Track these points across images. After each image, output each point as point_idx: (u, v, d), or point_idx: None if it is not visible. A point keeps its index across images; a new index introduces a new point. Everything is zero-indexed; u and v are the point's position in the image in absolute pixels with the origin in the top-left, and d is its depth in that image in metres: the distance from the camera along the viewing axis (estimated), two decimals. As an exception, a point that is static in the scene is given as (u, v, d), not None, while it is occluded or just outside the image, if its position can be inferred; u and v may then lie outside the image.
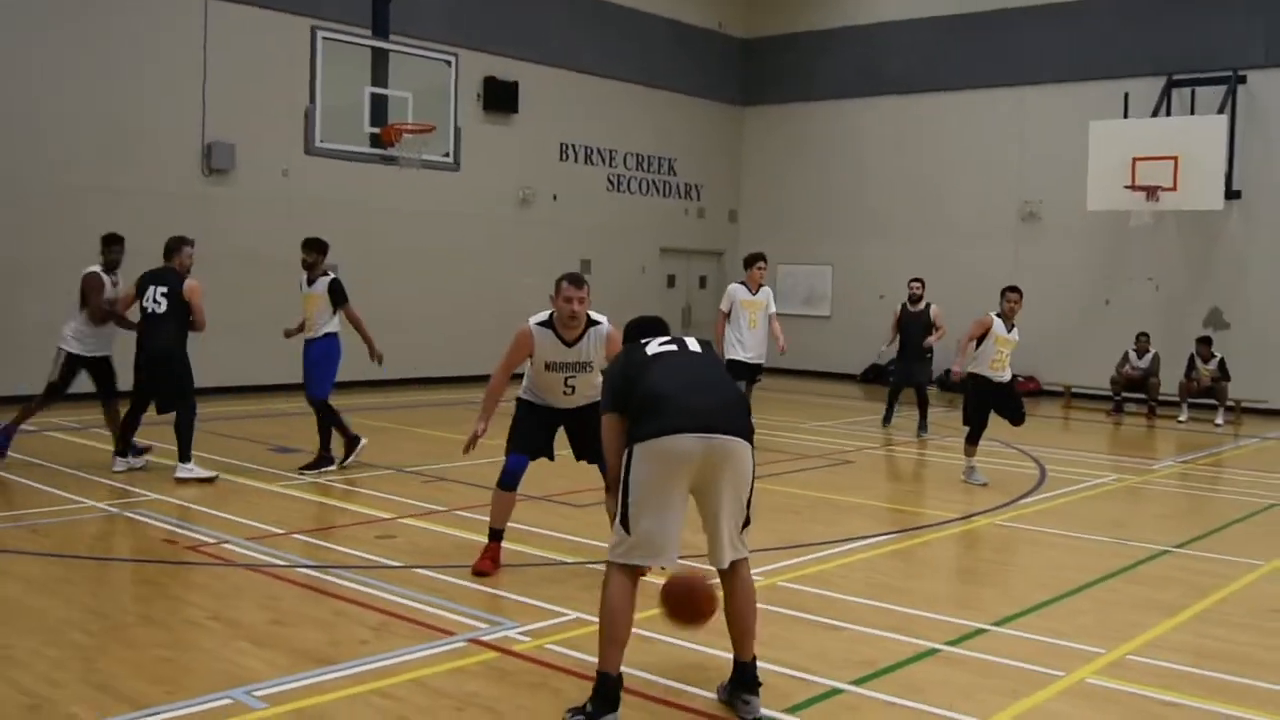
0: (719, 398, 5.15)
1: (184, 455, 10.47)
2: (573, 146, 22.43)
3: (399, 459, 11.95)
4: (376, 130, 12.80)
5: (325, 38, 12.34)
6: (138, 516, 8.98)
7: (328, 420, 11.35)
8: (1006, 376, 11.62)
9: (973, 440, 11.66)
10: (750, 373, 13.79)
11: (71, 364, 11.04)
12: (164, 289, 10.52)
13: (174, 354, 10.51)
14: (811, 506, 10.31)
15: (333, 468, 11.25)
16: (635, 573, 5.03)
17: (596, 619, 5.07)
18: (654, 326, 5.77)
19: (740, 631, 5.15)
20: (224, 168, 17.17)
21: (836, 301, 24.30)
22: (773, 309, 13.96)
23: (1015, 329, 11.62)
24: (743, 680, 5.14)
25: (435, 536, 8.64)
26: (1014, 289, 11.81)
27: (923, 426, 15.28)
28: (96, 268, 11.16)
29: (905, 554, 8.70)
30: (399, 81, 12.96)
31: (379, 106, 12.83)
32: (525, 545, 8.23)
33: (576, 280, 7.19)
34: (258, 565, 7.58)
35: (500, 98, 20.68)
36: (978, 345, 11.57)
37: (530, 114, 21.25)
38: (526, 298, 15.16)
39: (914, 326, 15.88)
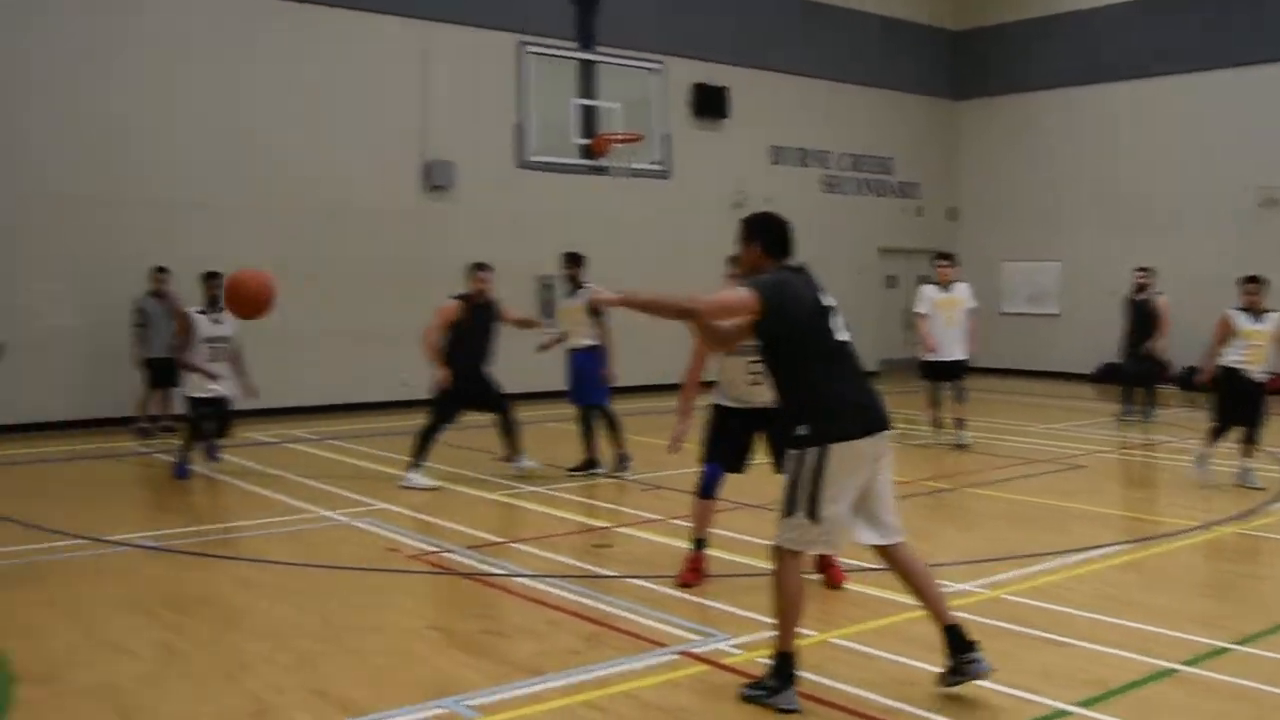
0: (876, 390, 5.53)
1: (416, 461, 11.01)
2: (785, 149, 22.27)
3: (620, 469, 12.04)
4: (586, 141, 12.92)
5: (532, 52, 12.52)
6: (365, 525, 9.28)
7: (611, 426, 11.71)
8: (1260, 374, 10.93)
9: (1218, 435, 11.04)
10: (951, 372, 13.41)
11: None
12: None
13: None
14: (1038, 514, 9.90)
15: (601, 471, 11.58)
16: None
17: (786, 616, 5.30)
18: (787, 238, 5.62)
19: (933, 599, 5.44)
20: (443, 184, 17.69)
21: (1065, 298, 23.34)
22: (971, 304, 13.59)
23: (1267, 318, 10.93)
24: (961, 640, 5.34)
25: (651, 546, 8.64)
26: (1252, 279, 11.12)
27: (1145, 415, 15.68)
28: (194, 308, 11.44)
29: (1139, 565, 8.24)
30: (607, 92, 13.08)
31: (588, 118, 12.96)
32: (736, 554, 8.15)
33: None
34: (476, 574, 7.72)
35: (710, 103, 20.67)
36: (1224, 344, 10.98)
37: (740, 118, 21.18)
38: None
39: (1138, 317, 15.37)
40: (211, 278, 11.18)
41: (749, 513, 9.31)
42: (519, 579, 7.59)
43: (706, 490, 7.56)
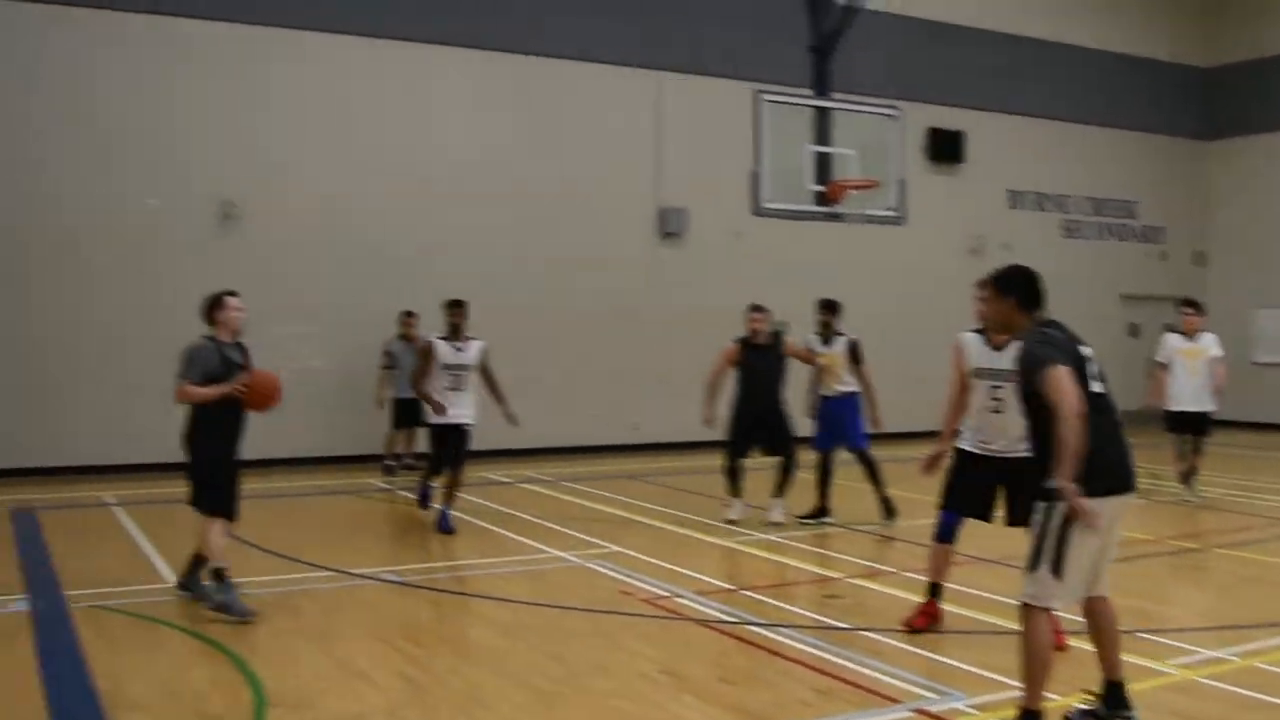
0: (1129, 447, 5.45)
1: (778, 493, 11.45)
2: (1023, 193, 21.73)
3: (849, 516, 11.90)
4: (821, 188, 12.88)
5: (769, 100, 12.58)
6: (598, 568, 9.41)
7: (872, 473, 11.70)
8: None
9: None
10: (1195, 424, 12.79)
11: None
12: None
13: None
14: (1298, 578, 9.31)
15: (830, 520, 11.54)
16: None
17: (1034, 674, 5.27)
18: (1040, 291, 5.67)
19: (1115, 655, 5.52)
20: (676, 231, 17.93)
21: (1325, 349, 22.00)
22: (1216, 353, 12.97)
23: None
24: (1122, 697, 5.49)
25: (882, 598, 8.49)
26: None
27: None
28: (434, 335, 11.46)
29: None
30: (842, 138, 13.01)
31: (823, 164, 12.92)
32: (972, 609, 7.92)
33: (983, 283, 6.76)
34: (708, 620, 7.73)
35: (945, 148, 20.38)
36: None
37: (977, 162, 20.80)
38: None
39: None
40: (455, 306, 11.30)
41: (983, 567, 9.05)
42: (750, 626, 7.56)
43: (942, 536, 7.49)
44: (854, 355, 11.58)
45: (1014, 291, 5.59)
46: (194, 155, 15.15)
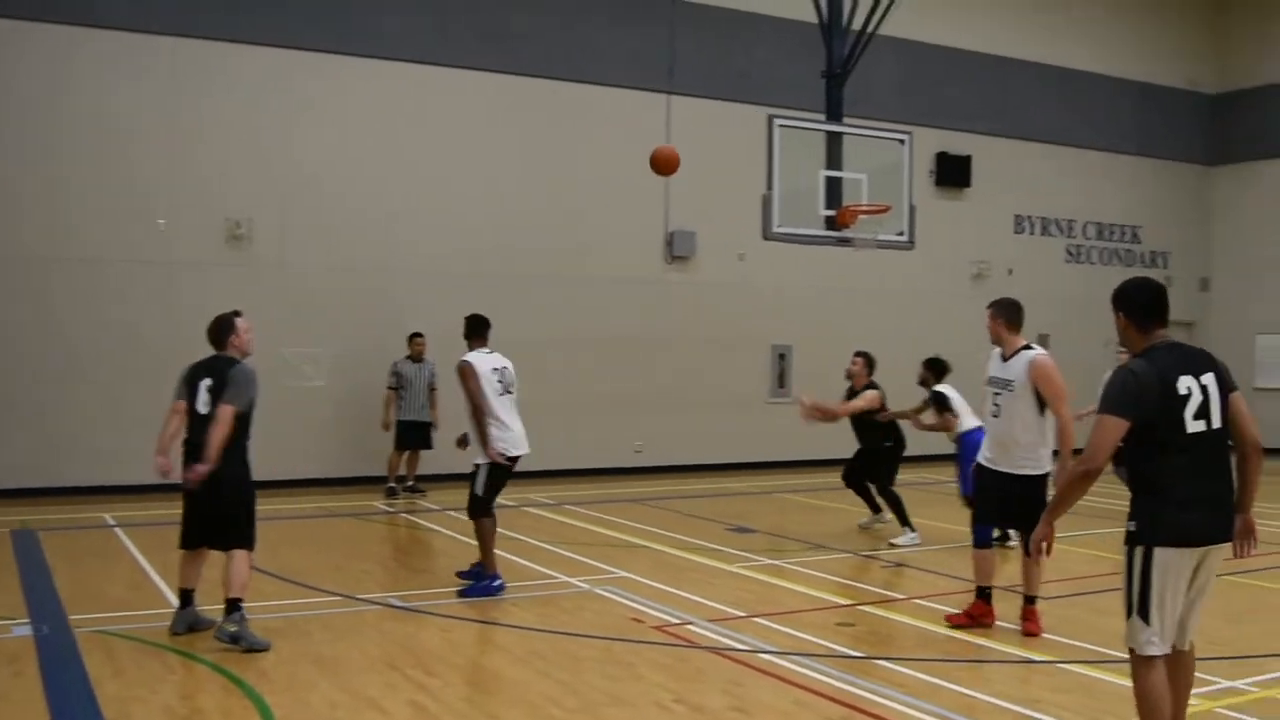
0: (1225, 492, 5.11)
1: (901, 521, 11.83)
2: (1029, 218, 21.72)
3: (858, 543, 11.82)
4: (831, 213, 12.85)
5: (781, 125, 12.55)
6: (606, 593, 9.32)
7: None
8: None
9: None
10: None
11: None
12: None
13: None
14: (1315, 608, 9.23)
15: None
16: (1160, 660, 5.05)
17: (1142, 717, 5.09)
18: (1163, 307, 5.18)
19: (1182, 708, 5.21)
20: (685, 254, 17.89)
21: (1329, 375, 21.93)
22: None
23: None
24: None
25: (894, 626, 8.42)
26: None
27: None
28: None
29: None
30: (853, 163, 12.97)
31: (833, 189, 12.89)
32: (991, 640, 7.86)
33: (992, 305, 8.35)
34: (720, 648, 7.64)
35: (952, 172, 20.38)
36: None
37: (983, 187, 20.79)
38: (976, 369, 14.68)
39: None
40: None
41: (1000, 595, 8.97)
42: (763, 655, 7.48)
43: (980, 542, 8.33)
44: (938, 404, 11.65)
45: (1120, 307, 5.21)
46: (203, 175, 15.10)
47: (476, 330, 9.69)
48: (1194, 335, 23.79)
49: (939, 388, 11.23)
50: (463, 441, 9.71)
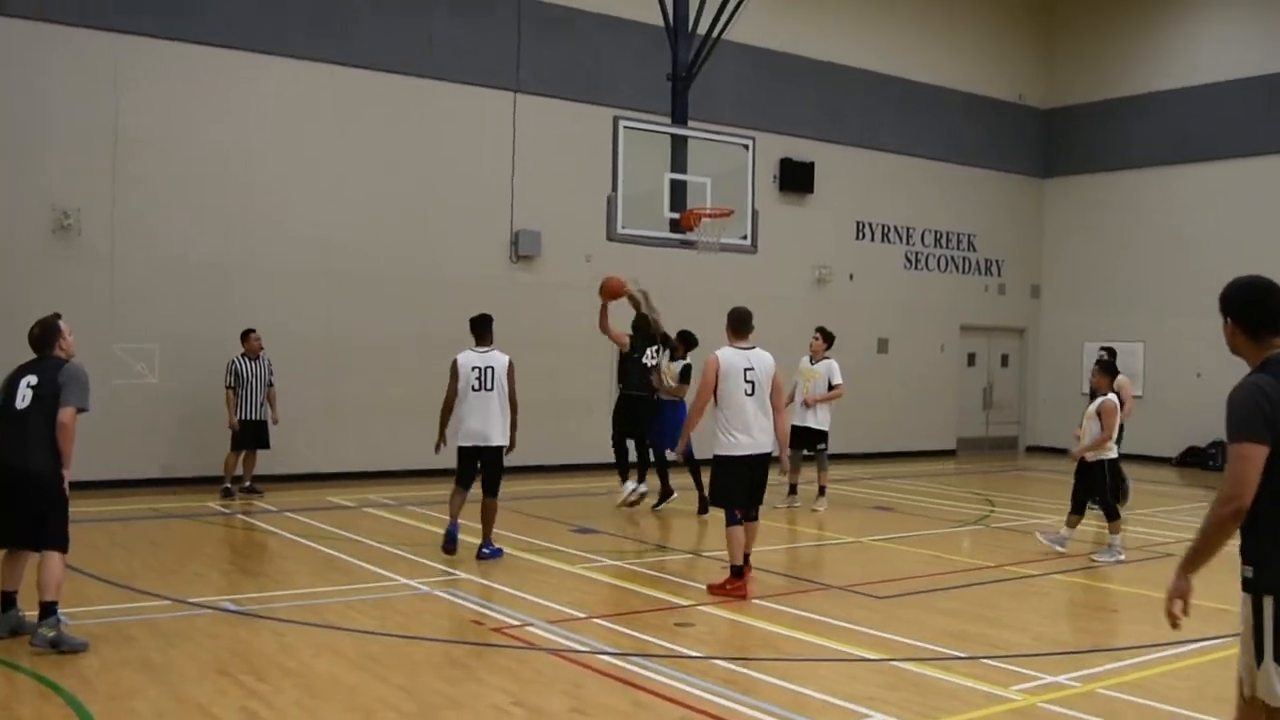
0: None
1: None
2: (869, 225, 22.22)
3: (699, 544, 11.91)
4: (676, 215, 12.94)
5: (627, 127, 12.60)
6: (447, 595, 9.23)
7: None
8: None
9: None
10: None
11: None
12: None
13: None
14: (1131, 604, 9.62)
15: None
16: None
17: None
18: (1270, 309, 4.34)
19: None
20: (530, 254, 17.83)
21: (1149, 380, 22.87)
22: (834, 380, 14.88)
23: None
24: None
25: (734, 626, 8.50)
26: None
27: None
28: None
29: (1243, 662, 7.94)
30: (697, 166, 13.08)
31: (678, 191, 12.98)
32: (826, 639, 8.00)
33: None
34: (560, 650, 7.62)
35: (796, 178, 20.73)
36: None
37: (826, 194, 21.20)
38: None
39: None
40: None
41: (839, 595, 9.15)
42: (603, 656, 7.48)
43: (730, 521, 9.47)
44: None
45: (1229, 312, 4.42)
46: (28, 163, 14.50)
47: (472, 329, 11.05)
48: (1025, 341, 24.68)
49: (688, 360, 13.61)
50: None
